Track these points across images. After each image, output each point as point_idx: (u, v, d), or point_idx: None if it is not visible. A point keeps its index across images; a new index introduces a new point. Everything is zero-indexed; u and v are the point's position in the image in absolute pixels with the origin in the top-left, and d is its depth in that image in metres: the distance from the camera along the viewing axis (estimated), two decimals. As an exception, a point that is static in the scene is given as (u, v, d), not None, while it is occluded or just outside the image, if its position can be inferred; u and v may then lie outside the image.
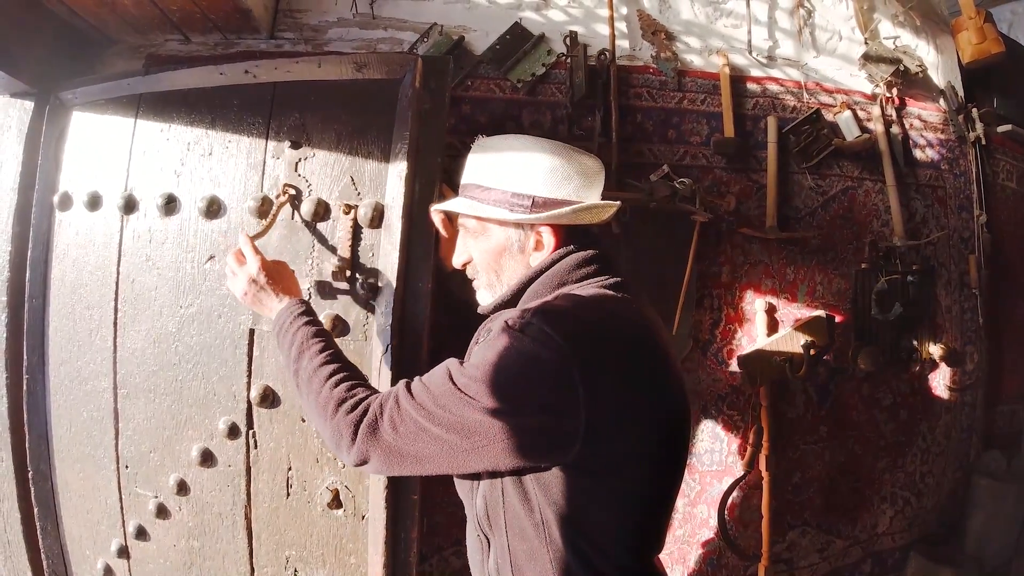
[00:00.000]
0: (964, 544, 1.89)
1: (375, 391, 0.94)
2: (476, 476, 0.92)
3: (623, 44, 1.80)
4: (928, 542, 1.92)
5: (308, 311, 1.06)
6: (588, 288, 0.92)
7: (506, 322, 0.84)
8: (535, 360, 0.80)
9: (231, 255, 1.12)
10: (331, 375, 0.94)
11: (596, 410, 0.79)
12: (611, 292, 0.91)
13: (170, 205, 1.36)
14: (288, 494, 1.29)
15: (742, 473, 1.76)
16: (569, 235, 0.97)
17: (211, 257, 1.34)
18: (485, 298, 1.04)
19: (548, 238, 0.96)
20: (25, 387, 1.47)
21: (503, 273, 1.00)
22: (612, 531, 0.85)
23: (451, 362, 0.88)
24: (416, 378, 0.90)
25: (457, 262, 1.07)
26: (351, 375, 0.96)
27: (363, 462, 0.87)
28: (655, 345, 0.90)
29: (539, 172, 0.96)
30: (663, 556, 1.81)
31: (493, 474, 0.88)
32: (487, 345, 0.85)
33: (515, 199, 0.96)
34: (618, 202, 1.01)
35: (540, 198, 0.95)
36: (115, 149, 1.43)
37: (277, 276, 1.10)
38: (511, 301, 0.98)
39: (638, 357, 0.86)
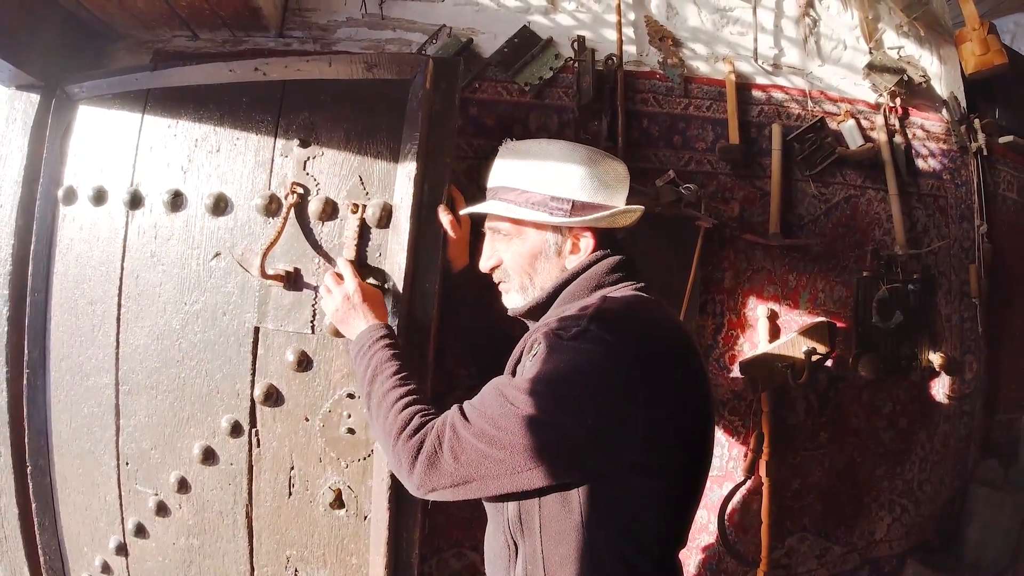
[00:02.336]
0: (961, 552, 1.90)
1: (436, 414, 0.92)
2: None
3: (630, 49, 1.81)
4: (925, 550, 1.93)
5: (390, 334, 1.06)
6: (623, 291, 0.94)
7: (556, 334, 0.84)
8: (596, 369, 0.80)
9: (329, 275, 1.15)
10: (398, 399, 0.94)
11: (654, 412, 0.81)
12: (644, 296, 0.94)
13: (176, 201, 1.35)
14: (290, 493, 1.28)
15: (742, 478, 1.77)
16: (602, 239, 1.00)
17: (217, 254, 1.33)
18: (516, 301, 1.04)
19: (586, 241, 0.99)
20: (25, 382, 1.46)
21: (536, 276, 1.01)
22: (655, 529, 0.86)
23: (501, 381, 0.87)
24: (467, 403, 0.89)
25: (485, 266, 1.07)
26: (417, 399, 0.95)
27: (425, 492, 0.87)
28: (693, 346, 0.93)
29: (576, 176, 0.99)
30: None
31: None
32: (543, 359, 0.84)
33: (554, 202, 0.97)
34: (642, 206, 1.04)
35: (579, 202, 0.97)
36: (121, 144, 1.42)
37: (370, 300, 1.11)
38: (546, 303, 0.99)
39: (683, 358, 0.89)
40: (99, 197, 1.42)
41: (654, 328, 0.89)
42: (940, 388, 1.97)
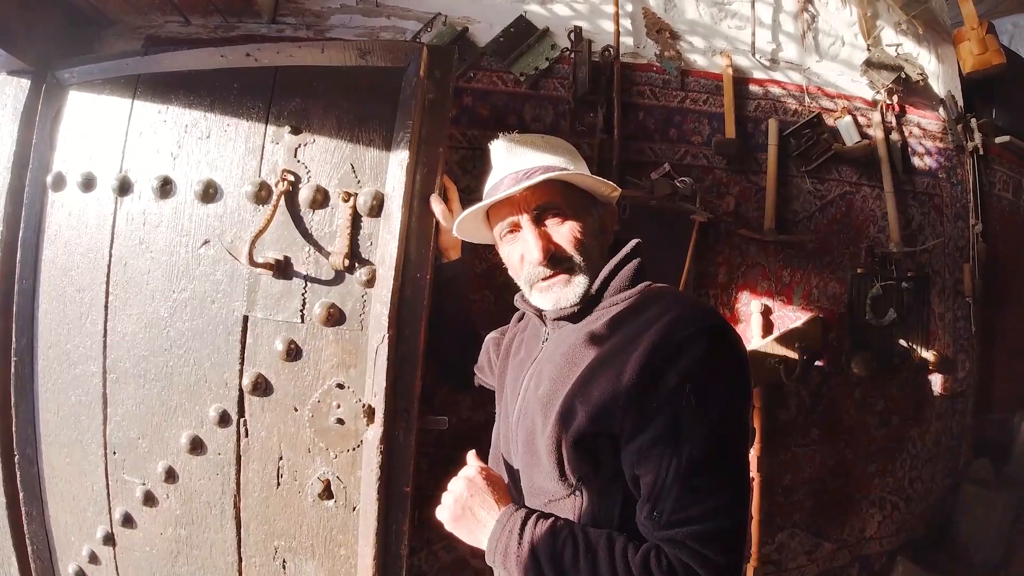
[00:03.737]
0: (952, 550, 1.91)
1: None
2: (574, 486, 0.87)
3: (627, 41, 1.80)
4: (916, 548, 1.93)
5: (531, 511, 0.87)
6: (660, 287, 0.96)
7: (698, 359, 0.78)
8: (737, 367, 0.83)
9: (458, 481, 0.94)
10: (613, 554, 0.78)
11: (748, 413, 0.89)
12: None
13: (166, 188, 1.33)
14: (278, 484, 1.27)
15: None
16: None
17: (206, 242, 1.31)
18: (577, 290, 0.93)
19: (612, 221, 1.03)
20: (13, 370, 1.44)
21: (593, 255, 0.95)
22: None
23: (682, 454, 0.76)
24: (683, 517, 0.76)
25: (542, 257, 0.93)
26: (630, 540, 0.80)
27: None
28: None
29: (583, 160, 1.04)
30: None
31: (616, 477, 0.85)
32: (706, 388, 0.78)
33: (596, 177, 0.97)
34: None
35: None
36: (111, 130, 1.40)
37: (495, 483, 0.93)
38: (597, 296, 0.94)
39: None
40: (88, 183, 1.40)
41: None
42: (933, 386, 1.98)
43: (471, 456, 0.99)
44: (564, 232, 0.94)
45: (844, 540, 1.91)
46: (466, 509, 0.90)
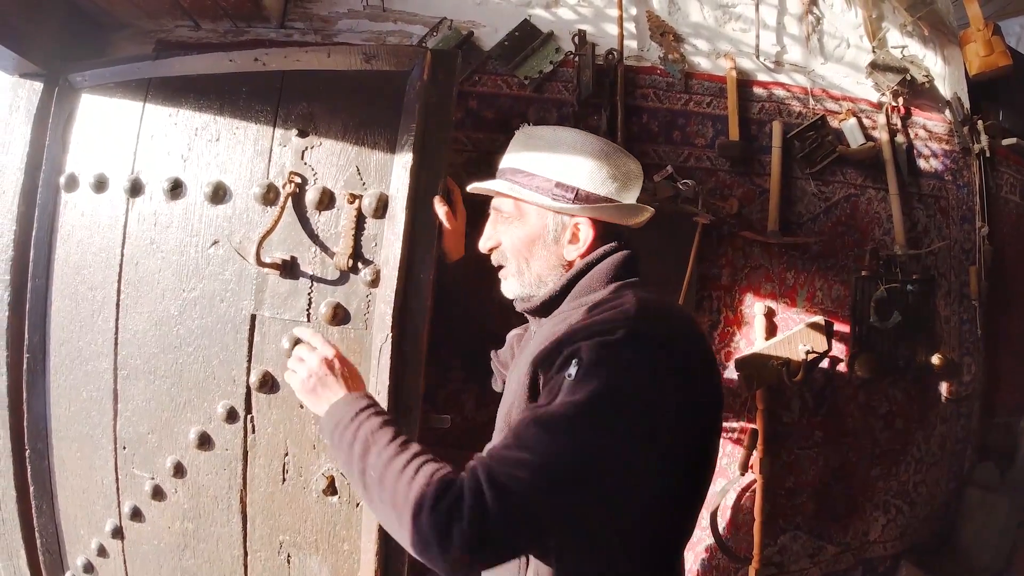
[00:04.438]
0: (956, 554, 1.90)
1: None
2: None
3: (631, 44, 1.81)
4: (919, 551, 1.93)
5: (374, 403, 0.93)
6: (641, 290, 0.92)
7: (602, 343, 0.78)
8: (655, 378, 0.77)
9: (301, 346, 1.05)
10: (406, 466, 0.78)
11: (690, 424, 0.81)
12: (667, 298, 0.96)
13: (176, 189, 1.36)
14: (284, 479, 1.29)
15: (736, 475, 1.77)
16: (604, 233, 0.99)
17: (215, 242, 1.34)
18: (514, 287, 1.02)
19: (586, 231, 0.98)
20: (25, 366, 1.47)
21: (533, 261, 1.00)
22: (674, 530, 0.88)
23: (539, 414, 0.76)
24: (493, 449, 0.77)
25: (484, 246, 1.07)
26: (429, 459, 0.80)
27: (480, 550, 0.69)
28: (712, 352, 0.94)
29: (585, 166, 0.97)
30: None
31: None
32: (593, 372, 0.76)
33: (559, 189, 0.97)
34: (652, 208, 1.04)
35: (584, 191, 0.96)
36: (123, 132, 1.43)
37: (349, 368, 1.01)
38: (559, 297, 0.97)
39: (708, 358, 0.89)
40: (100, 184, 1.43)
41: (687, 331, 0.88)
42: (938, 389, 1.97)
43: (317, 339, 1.04)
44: (507, 236, 1.02)
45: (847, 543, 1.91)
46: (318, 385, 0.97)
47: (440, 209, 1.22)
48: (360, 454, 0.83)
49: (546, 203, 0.98)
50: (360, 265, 1.26)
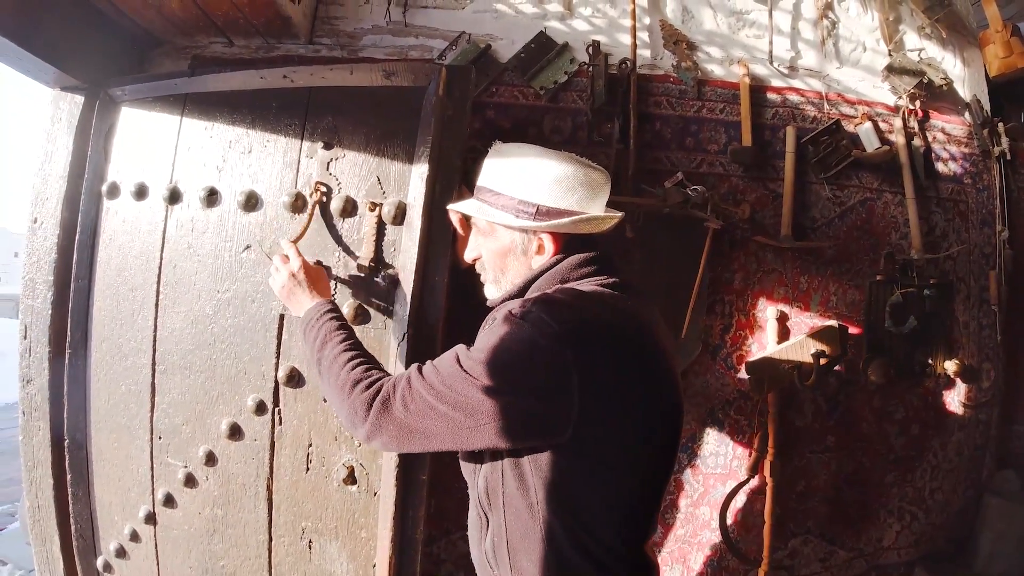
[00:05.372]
0: (972, 563, 1.87)
1: (389, 375, 1.02)
2: (479, 455, 0.99)
3: (644, 53, 1.85)
4: (935, 559, 1.91)
5: (335, 309, 1.16)
6: (587, 284, 0.99)
7: (509, 311, 0.91)
8: (533, 345, 0.86)
9: (278, 256, 1.25)
10: (350, 360, 1.03)
11: (589, 395, 0.85)
12: (608, 289, 0.98)
13: (212, 198, 1.46)
14: (308, 469, 1.38)
15: (745, 477, 1.79)
16: (570, 242, 1.04)
17: (248, 247, 1.44)
18: (492, 292, 1.11)
19: (549, 244, 1.03)
20: (67, 360, 1.57)
21: (507, 271, 1.08)
22: (602, 514, 0.91)
23: (459, 347, 0.95)
24: (428, 361, 0.98)
25: (468, 257, 1.15)
26: (368, 361, 1.05)
27: (374, 437, 0.95)
28: (650, 339, 0.95)
29: (545, 182, 1.02)
30: (664, 554, 1.85)
31: (495, 454, 0.95)
32: (490, 331, 0.93)
33: (521, 206, 1.02)
34: (620, 213, 1.07)
35: (544, 207, 1.01)
36: (161, 144, 1.54)
37: (314, 277, 1.22)
38: (517, 295, 1.04)
39: (632, 349, 0.92)
40: (141, 192, 1.53)
41: (602, 317, 0.92)
42: (955, 395, 1.95)
43: (291, 250, 1.25)
44: (485, 248, 1.11)
45: (860, 549, 1.90)
46: (290, 294, 1.21)
47: (454, 216, 1.28)
48: (318, 347, 1.09)
49: (510, 221, 1.03)
50: (380, 268, 1.34)
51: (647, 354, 0.94)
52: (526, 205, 1.02)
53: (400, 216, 1.32)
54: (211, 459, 1.44)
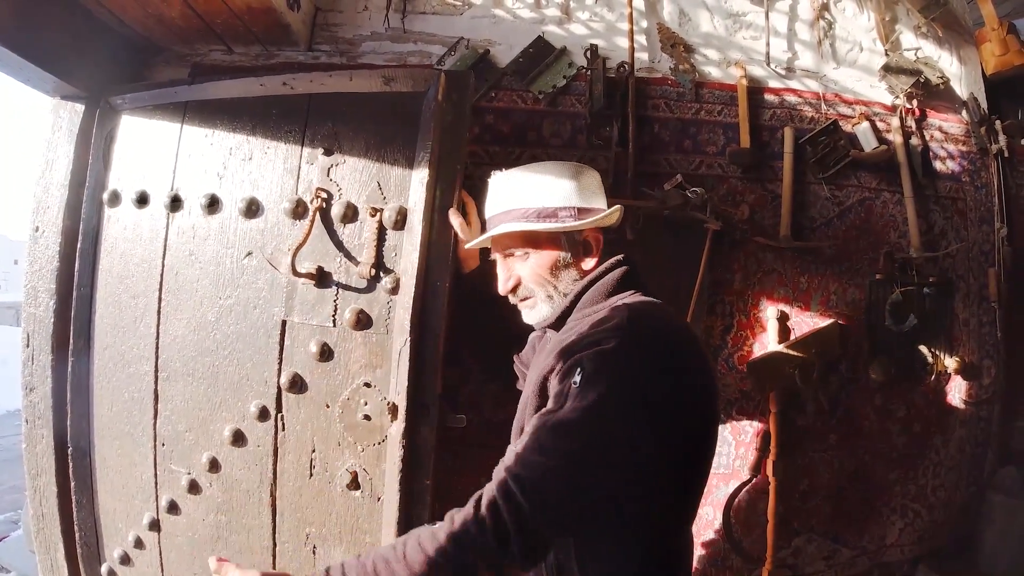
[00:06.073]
0: (975, 560, 1.88)
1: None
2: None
3: (642, 57, 1.86)
4: (938, 556, 1.91)
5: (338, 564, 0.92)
6: (635, 298, 1.04)
7: (600, 352, 0.89)
8: (638, 371, 0.88)
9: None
10: (420, 546, 0.85)
11: (688, 418, 0.92)
12: (658, 302, 1.04)
13: (213, 205, 1.47)
14: (311, 474, 1.38)
15: (748, 477, 1.79)
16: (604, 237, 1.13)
17: (249, 253, 1.44)
18: (543, 312, 1.11)
19: (596, 240, 1.11)
20: (70, 369, 1.57)
21: (560, 283, 1.11)
22: (679, 507, 0.98)
23: (549, 419, 0.87)
24: (512, 457, 0.87)
25: (507, 287, 1.15)
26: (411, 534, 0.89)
27: (529, 534, 0.81)
28: (704, 350, 1.07)
29: (570, 187, 1.10)
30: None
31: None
32: (594, 380, 0.87)
33: (563, 211, 1.08)
34: (621, 205, 1.16)
35: (581, 208, 1.09)
36: (162, 151, 1.54)
37: None
38: (568, 310, 1.08)
39: (698, 353, 1.00)
40: (142, 200, 1.54)
41: (681, 337, 0.98)
42: (956, 393, 1.95)
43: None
44: (525, 269, 1.11)
45: (863, 547, 1.91)
46: None
47: (455, 221, 1.29)
48: None
49: (559, 227, 1.08)
50: (382, 274, 1.34)
51: (707, 361, 1.02)
52: (566, 209, 1.08)
53: (401, 221, 1.33)
54: (214, 465, 1.45)
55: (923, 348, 1.91)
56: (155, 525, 1.53)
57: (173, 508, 1.51)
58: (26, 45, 1.39)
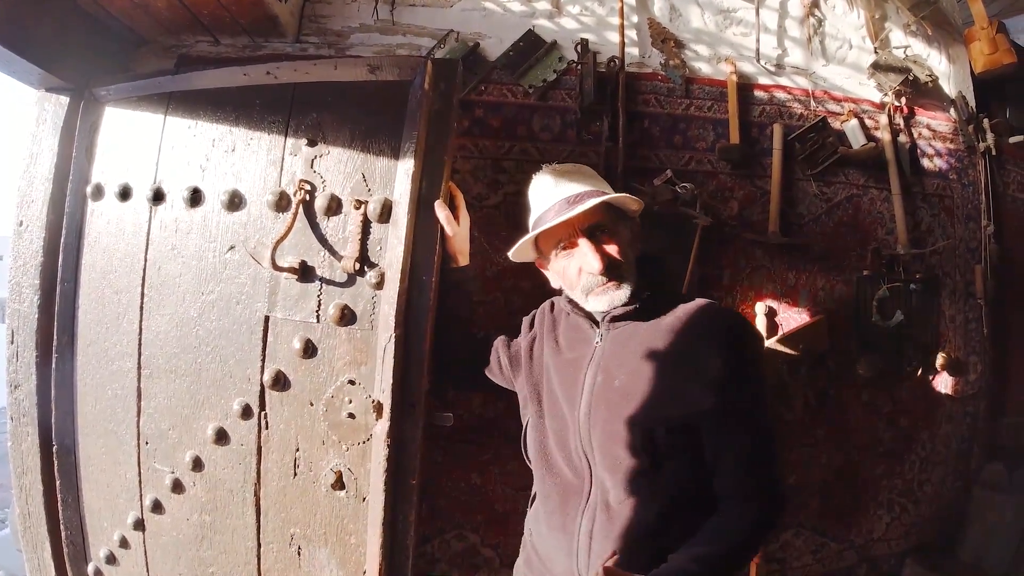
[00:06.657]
0: (962, 554, 1.89)
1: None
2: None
3: (633, 52, 1.85)
4: (925, 550, 1.92)
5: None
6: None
7: (748, 339, 1.10)
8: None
9: None
10: (712, 550, 0.98)
11: None
12: None
13: (195, 197, 1.44)
14: (295, 474, 1.36)
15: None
16: None
17: (231, 247, 1.41)
18: (626, 291, 1.12)
19: (639, 230, 1.21)
20: (54, 366, 1.55)
21: (632, 264, 1.15)
22: None
23: (748, 406, 1.05)
24: (751, 457, 1.05)
25: (599, 267, 1.10)
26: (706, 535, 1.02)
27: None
28: None
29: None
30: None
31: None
32: (755, 360, 1.11)
33: (629, 197, 1.16)
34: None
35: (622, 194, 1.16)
36: (145, 143, 1.51)
37: None
38: (648, 298, 1.14)
39: None
40: (125, 193, 1.51)
41: None
42: (943, 388, 1.96)
43: None
44: (612, 246, 1.12)
45: (851, 541, 1.91)
46: None
47: (441, 214, 1.26)
48: None
49: (636, 206, 1.19)
50: (366, 268, 1.32)
51: None
52: (631, 194, 1.17)
53: (386, 214, 1.30)
54: (198, 464, 1.42)
55: (910, 344, 1.91)
56: (140, 525, 1.51)
57: (157, 507, 1.49)
58: (12, 37, 1.37)
